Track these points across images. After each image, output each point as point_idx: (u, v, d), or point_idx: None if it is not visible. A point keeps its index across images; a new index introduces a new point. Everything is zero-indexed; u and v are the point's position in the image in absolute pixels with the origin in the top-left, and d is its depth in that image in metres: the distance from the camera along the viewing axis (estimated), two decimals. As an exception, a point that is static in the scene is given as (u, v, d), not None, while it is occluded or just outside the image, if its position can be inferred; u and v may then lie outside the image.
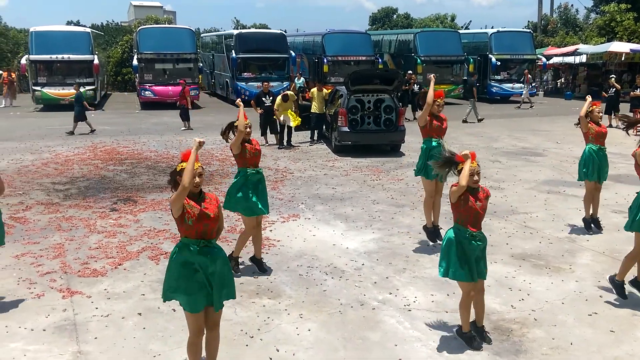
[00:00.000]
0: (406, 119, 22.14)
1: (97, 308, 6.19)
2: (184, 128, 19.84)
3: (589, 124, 8.55)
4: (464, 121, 22.05)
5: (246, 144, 7.11)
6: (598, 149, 8.61)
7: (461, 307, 5.44)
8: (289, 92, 16.52)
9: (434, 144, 7.98)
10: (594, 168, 8.60)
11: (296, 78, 26.41)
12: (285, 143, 16.30)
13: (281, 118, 15.99)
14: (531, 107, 27.00)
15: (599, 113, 8.59)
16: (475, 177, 5.21)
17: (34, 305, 6.25)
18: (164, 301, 4.73)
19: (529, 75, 27.40)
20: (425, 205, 8.35)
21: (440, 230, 8.15)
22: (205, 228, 4.49)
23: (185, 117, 20.05)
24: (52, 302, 6.31)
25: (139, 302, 6.34)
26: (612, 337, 5.65)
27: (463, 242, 5.25)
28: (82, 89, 24.48)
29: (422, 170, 8.10)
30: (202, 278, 4.47)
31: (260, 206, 7.07)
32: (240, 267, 7.30)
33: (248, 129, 7.03)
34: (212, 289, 4.51)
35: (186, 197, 4.45)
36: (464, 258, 5.24)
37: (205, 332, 4.67)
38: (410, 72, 25.36)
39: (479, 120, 22.21)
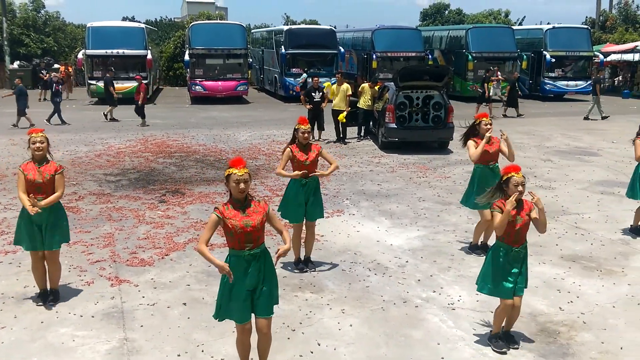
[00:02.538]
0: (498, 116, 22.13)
1: (143, 297, 6.33)
2: (142, 125, 19.35)
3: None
4: (586, 118, 21.97)
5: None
6: None
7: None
8: (345, 84, 16.53)
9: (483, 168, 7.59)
10: None
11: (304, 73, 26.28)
12: (340, 138, 16.38)
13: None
14: (503, 106, 25.18)
15: None
16: (520, 188, 5.08)
17: (84, 292, 6.43)
18: (218, 320, 4.71)
19: (499, 73, 26.12)
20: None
21: None
22: (249, 237, 4.44)
23: (140, 113, 19.52)
24: (101, 290, 6.48)
25: (184, 293, 6.45)
26: (666, 344, 5.42)
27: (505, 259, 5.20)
28: (136, 83, 25.13)
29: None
30: (245, 289, 4.48)
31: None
32: (285, 262, 7.32)
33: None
34: (255, 296, 4.53)
35: (229, 205, 4.46)
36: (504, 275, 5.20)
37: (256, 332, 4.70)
38: (495, 68, 24.98)
39: (603, 118, 21.87)
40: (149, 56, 26.82)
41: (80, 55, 27.51)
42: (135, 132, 17.91)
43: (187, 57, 27.21)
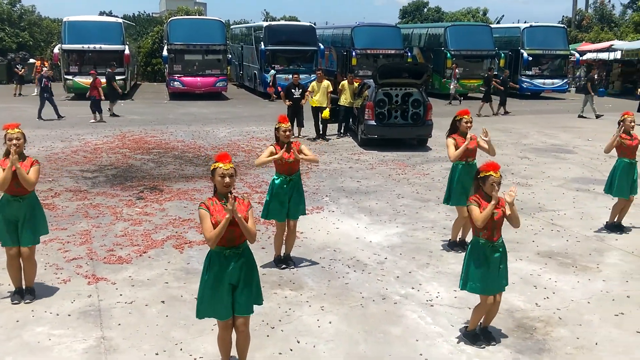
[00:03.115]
0: (500, 113, 22.74)
1: (121, 295, 6.27)
2: (93, 120, 18.87)
3: (620, 137, 8.19)
4: (598, 116, 22.01)
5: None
6: (629, 163, 8.31)
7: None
8: (325, 81, 16.61)
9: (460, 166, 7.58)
10: (627, 182, 8.33)
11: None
12: (320, 135, 16.42)
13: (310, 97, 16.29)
14: (460, 103, 25.53)
15: (631, 123, 8.22)
16: (497, 187, 5.08)
17: (60, 290, 6.35)
18: (199, 318, 4.72)
19: (457, 70, 26.60)
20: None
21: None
22: (231, 234, 4.43)
23: (96, 108, 19.05)
24: (78, 288, 6.41)
25: (163, 290, 6.41)
26: (638, 338, 5.52)
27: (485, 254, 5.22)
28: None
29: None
30: (228, 287, 4.50)
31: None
32: (265, 259, 7.32)
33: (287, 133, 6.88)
34: (235, 294, 4.54)
35: (215, 199, 4.48)
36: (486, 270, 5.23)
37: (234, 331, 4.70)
38: (492, 67, 25.64)
39: (580, 116, 22.05)
40: (127, 51, 26.55)
41: (56, 50, 27.11)
42: (113, 128, 17.72)
43: (165, 53, 26.97)
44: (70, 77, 25.66)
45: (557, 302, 6.26)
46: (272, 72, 26.35)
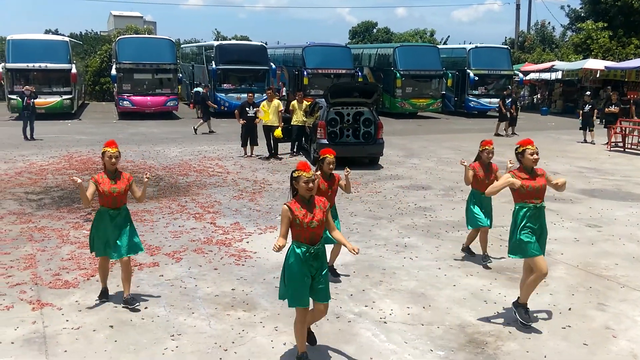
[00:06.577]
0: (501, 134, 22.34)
1: (67, 320, 6.06)
2: None
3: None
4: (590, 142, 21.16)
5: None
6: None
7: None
8: (276, 100, 16.59)
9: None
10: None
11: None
12: (272, 154, 16.39)
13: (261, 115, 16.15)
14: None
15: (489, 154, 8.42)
16: (311, 185, 5.01)
17: (2, 317, 6.10)
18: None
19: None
20: None
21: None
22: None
23: None
24: (22, 314, 6.17)
25: (111, 314, 6.23)
26: (585, 350, 5.67)
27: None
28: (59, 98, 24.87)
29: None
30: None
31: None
32: (217, 280, 7.22)
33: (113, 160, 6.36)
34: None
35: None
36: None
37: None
38: (509, 87, 25.49)
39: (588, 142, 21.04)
40: (74, 70, 26.09)
41: (-1, 69, 26.39)
42: (59, 148, 17.27)
43: (114, 72, 26.62)
44: (14, 96, 24.94)
45: (507, 317, 6.38)
46: (197, 89, 26.84)
